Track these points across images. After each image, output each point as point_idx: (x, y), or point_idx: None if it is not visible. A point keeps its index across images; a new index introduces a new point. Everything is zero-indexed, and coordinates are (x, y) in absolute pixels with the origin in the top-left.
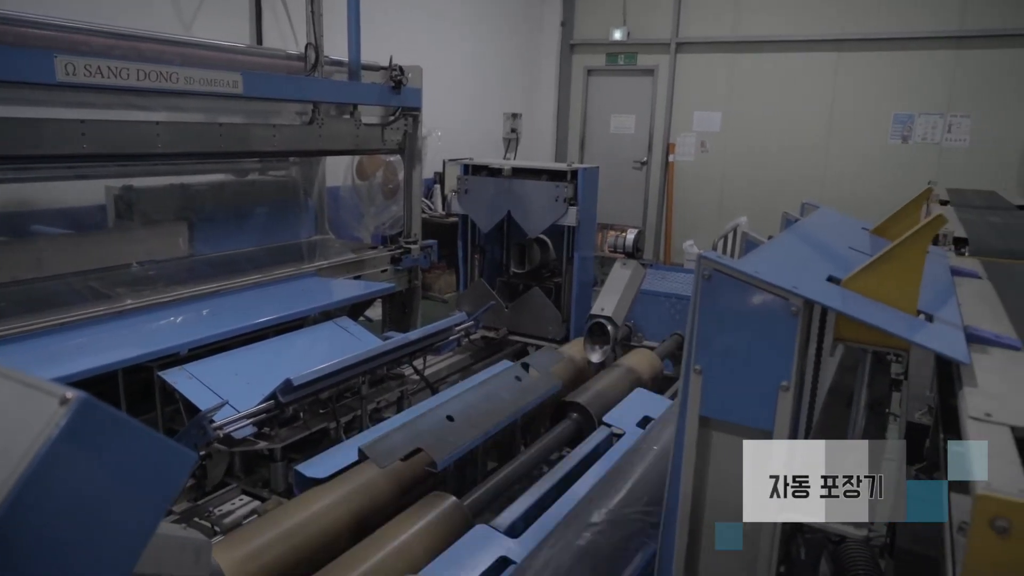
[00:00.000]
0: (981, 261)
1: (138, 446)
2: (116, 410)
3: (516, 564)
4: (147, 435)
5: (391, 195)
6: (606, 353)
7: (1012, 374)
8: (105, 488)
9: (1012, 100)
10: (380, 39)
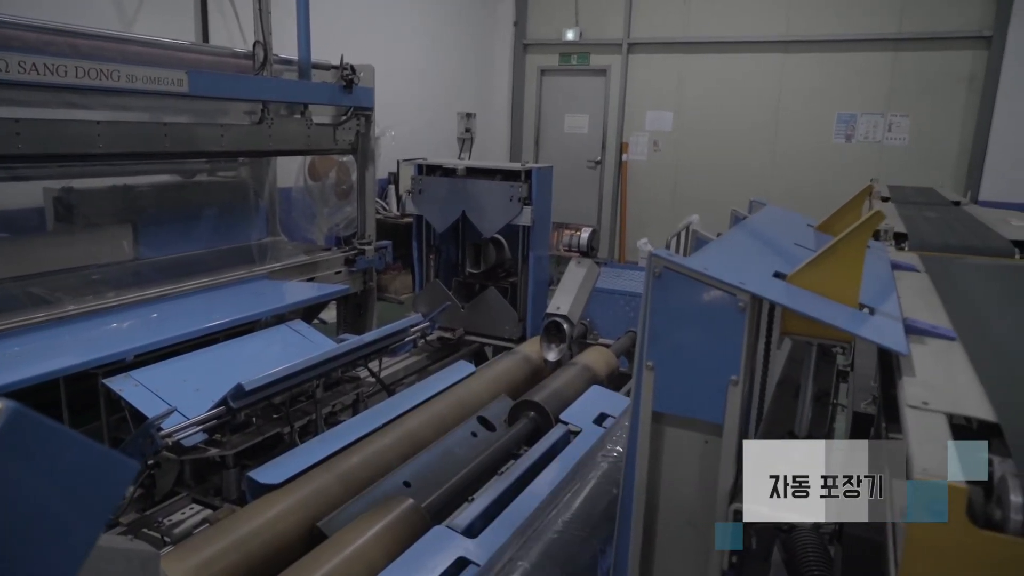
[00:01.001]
0: (919, 255)
1: (75, 456)
2: (50, 420)
3: (475, 565)
4: (84, 445)
5: (344, 196)
6: (562, 351)
7: (947, 363)
8: (39, 501)
9: (947, 100)
10: (331, 38)
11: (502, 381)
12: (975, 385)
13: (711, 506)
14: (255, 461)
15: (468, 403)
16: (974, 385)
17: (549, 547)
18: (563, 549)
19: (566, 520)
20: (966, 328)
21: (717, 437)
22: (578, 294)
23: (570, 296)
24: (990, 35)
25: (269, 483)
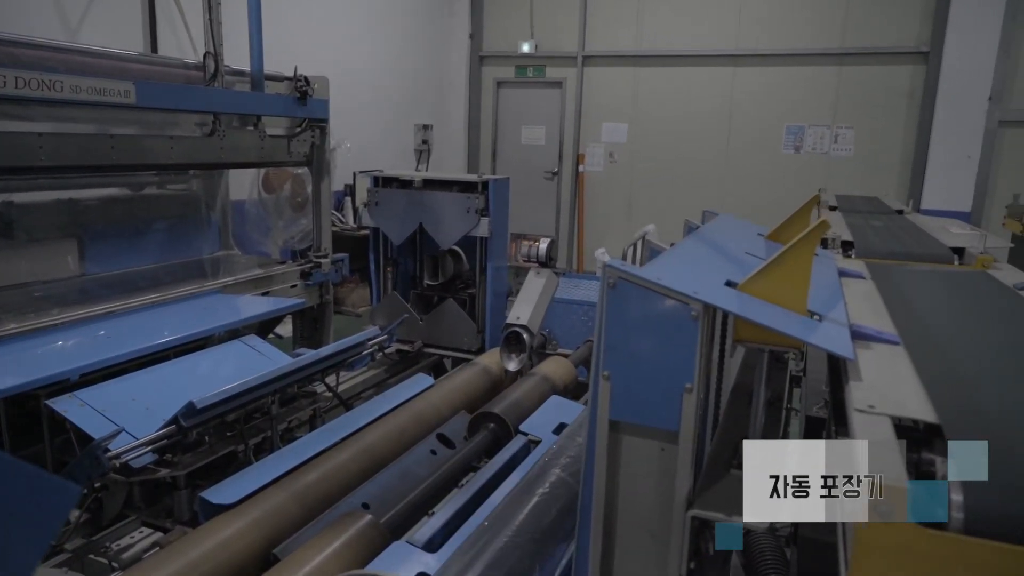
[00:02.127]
0: (865, 262)
1: (11, 482)
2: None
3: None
4: (22, 470)
5: (300, 208)
6: (523, 361)
7: (892, 368)
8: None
9: (889, 113)
10: (285, 50)
11: (461, 393)
12: (918, 388)
13: (668, 513)
14: (208, 481)
15: (427, 416)
16: (917, 388)
17: (497, 557)
18: (509, 558)
19: (514, 530)
20: (909, 332)
21: (673, 444)
22: (537, 304)
23: (529, 306)
24: (927, 51)
25: (222, 503)
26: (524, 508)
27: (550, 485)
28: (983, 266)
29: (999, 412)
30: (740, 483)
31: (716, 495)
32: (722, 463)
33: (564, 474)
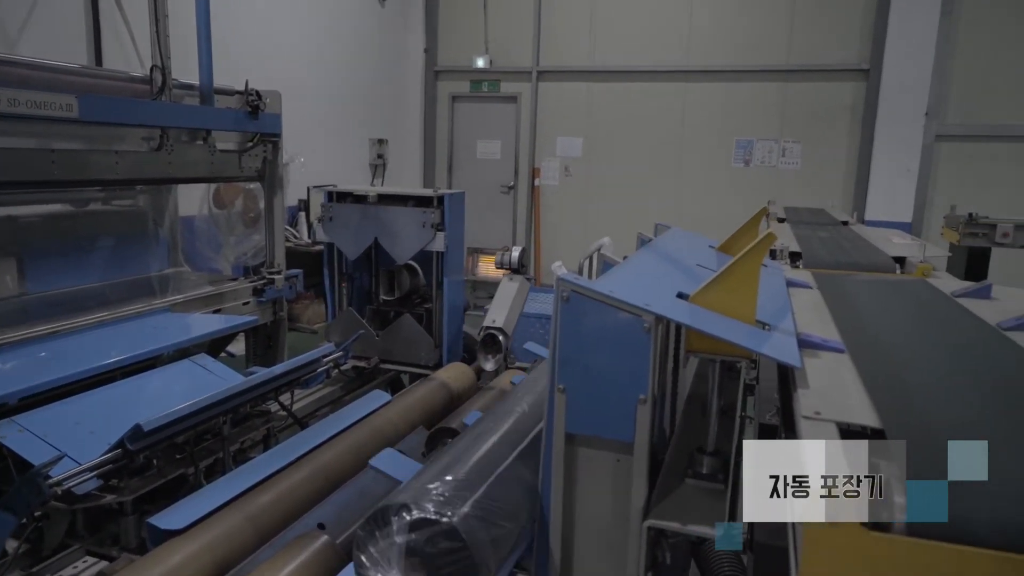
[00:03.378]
0: (812, 273)
1: None
2: None
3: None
4: None
5: (252, 224)
6: (499, 362)
7: (837, 375)
8: None
9: (833, 127)
10: (236, 64)
11: (419, 408)
12: (862, 394)
13: (625, 524)
14: (156, 506)
15: (384, 433)
16: (861, 394)
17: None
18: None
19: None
20: (854, 340)
21: (628, 455)
22: (511, 308)
23: (504, 310)
24: (867, 68)
25: (171, 528)
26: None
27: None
28: (923, 275)
29: (938, 416)
30: (695, 492)
31: (672, 504)
32: (677, 473)
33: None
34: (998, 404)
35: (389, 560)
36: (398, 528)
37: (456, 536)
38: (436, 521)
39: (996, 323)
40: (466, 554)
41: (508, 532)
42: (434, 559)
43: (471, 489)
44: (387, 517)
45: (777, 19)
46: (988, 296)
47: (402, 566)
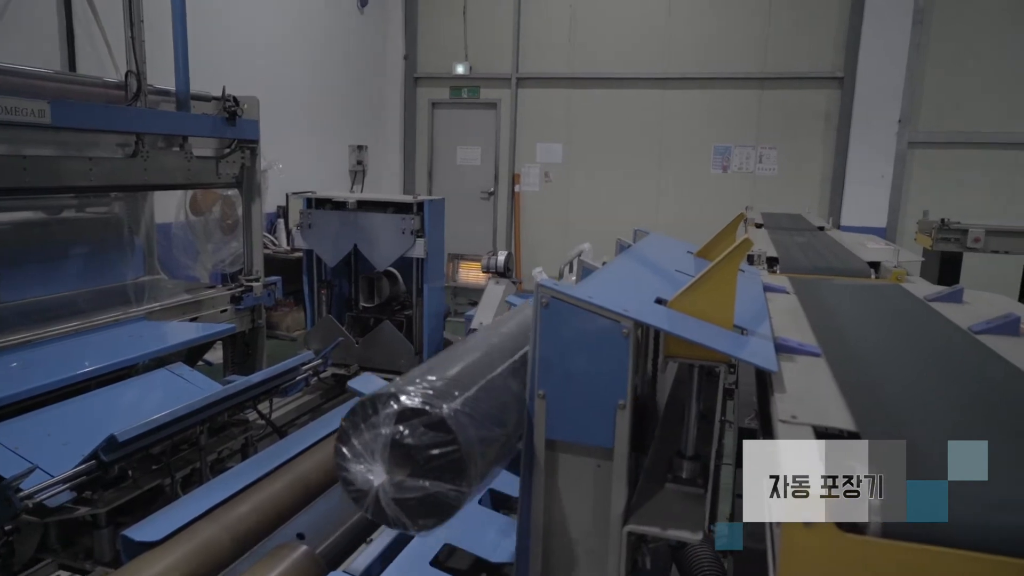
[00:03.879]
0: (789, 277)
1: None
2: None
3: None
4: None
5: (230, 231)
6: None
7: (813, 379)
8: None
9: (809, 134)
10: (213, 69)
11: None
12: (837, 397)
13: (605, 529)
14: (132, 518)
15: None
16: (836, 397)
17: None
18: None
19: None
20: (830, 344)
21: (608, 461)
22: (498, 310)
23: (491, 311)
24: (842, 76)
25: (147, 540)
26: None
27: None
28: (897, 279)
29: (911, 418)
30: (675, 497)
31: (652, 509)
32: (657, 477)
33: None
34: (969, 406)
35: (372, 452)
36: (384, 418)
37: (445, 428)
38: (425, 411)
39: (968, 327)
40: (454, 448)
41: (496, 437)
42: (420, 452)
43: (461, 389)
44: (374, 407)
45: (753, 27)
46: (960, 300)
47: (386, 458)
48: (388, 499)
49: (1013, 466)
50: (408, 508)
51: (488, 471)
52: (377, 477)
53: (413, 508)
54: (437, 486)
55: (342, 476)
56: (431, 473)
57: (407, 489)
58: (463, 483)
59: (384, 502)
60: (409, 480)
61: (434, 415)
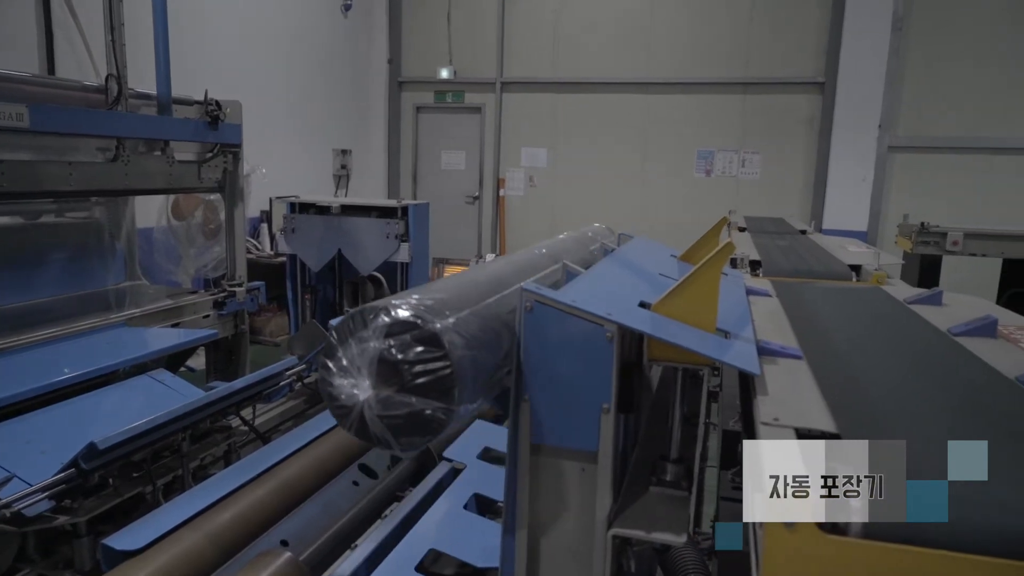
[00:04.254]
0: (771, 281)
1: None
2: None
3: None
4: None
5: (212, 235)
6: None
7: (795, 381)
8: None
9: (791, 138)
10: (195, 73)
11: None
12: (818, 399)
13: (590, 533)
14: (112, 527)
15: (348, 447)
16: (817, 399)
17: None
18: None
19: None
20: (811, 347)
21: (593, 464)
22: None
23: None
24: (823, 81)
25: (128, 549)
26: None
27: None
28: (878, 282)
29: (891, 419)
30: (659, 500)
31: (637, 513)
32: (642, 481)
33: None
34: (948, 407)
35: (359, 367)
36: (374, 331)
37: (437, 343)
38: (417, 325)
39: (946, 329)
40: (445, 365)
41: (486, 361)
42: (409, 367)
43: (454, 310)
44: (363, 320)
45: (736, 33)
46: (939, 303)
47: (373, 372)
48: (373, 415)
49: (992, 466)
50: (393, 426)
51: (475, 397)
52: (363, 392)
53: (398, 426)
54: (424, 403)
55: (326, 392)
56: (419, 390)
57: (393, 405)
58: (451, 401)
59: (369, 418)
60: (396, 396)
61: (426, 329)
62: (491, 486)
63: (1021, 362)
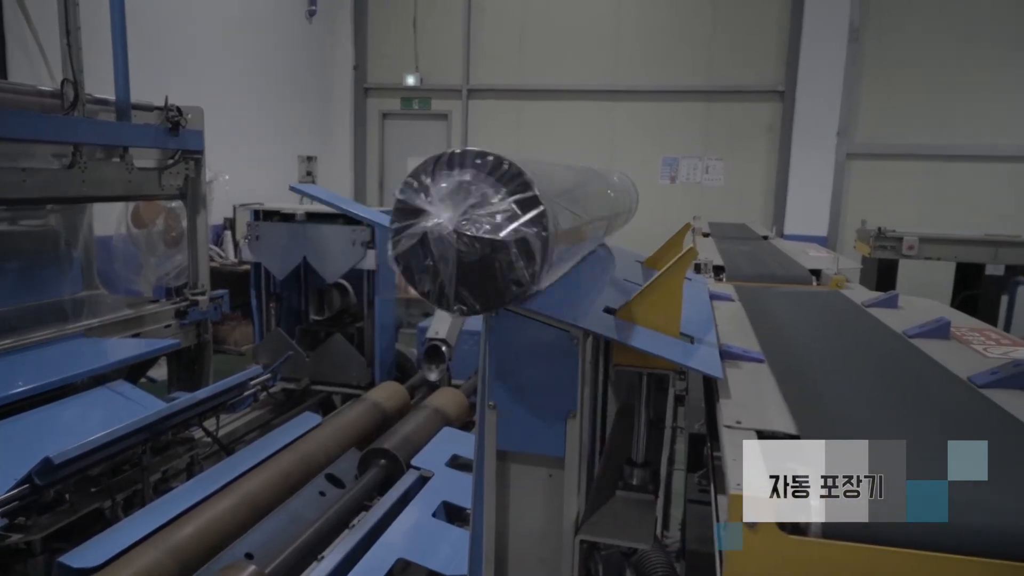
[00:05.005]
0: (735, 285)
1: None
2: None
3: None
4: None
5: (174, 243)
6: (443, 372)
7: (757, 384)
8: None
9: (753, 146)
10: (157, 78)
11: (351, 430)
12: (780, 402)
13: (558, 538)
14: (69, 544)
15: (315, 457)
16: (779, 402)
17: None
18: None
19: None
20: (773, 350)
21: (560, 470)
22: (453, 320)
23: (447, 322)
24: (783, 90)
25: (84, 567)
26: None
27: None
28: (837, 286)
29: (849, 420)
30: (626, 504)
31: (603, 518)
32: (608, 486)
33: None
34: (903, 407)
35: (442, 198)
36: (476, 168)
37: (527, 186)
38: (516, 170)
39: (902, 331)
40: (533, 203)
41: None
42: (491, 207)
43: (557, 183)
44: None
45: (699, 43)
46: (895, 306)
47: (456, 208)
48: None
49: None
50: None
51: (548, 265)
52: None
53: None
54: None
55: (406, 208)
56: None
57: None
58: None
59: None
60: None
61: (515, 169)
62: (460, 493)
63: (973, 363)
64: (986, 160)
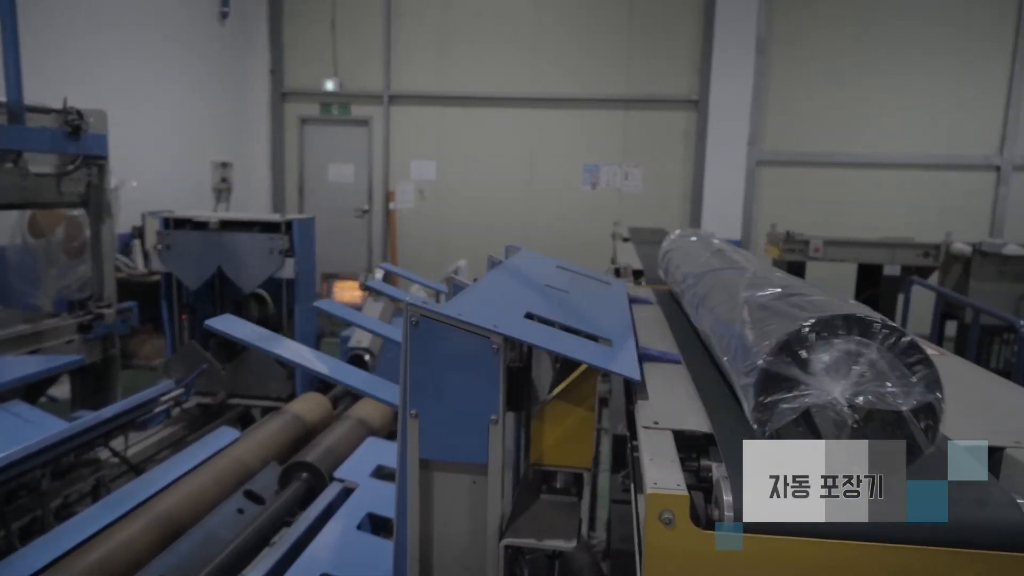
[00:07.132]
0: (653, 289)
1: None
2: None
3: None
4: None
5: (76, 253)
6: None
7: (674, 385)
8: None
9: (669, 153)
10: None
11: (271, 444)
12: (696, 402)
13: (483, 544)
14: None
15: (232, 473)
16: (695, 402)
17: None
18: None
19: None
20: (690, 351)
21: (483, 476)
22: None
23: (369, 332)
24: (697, 99)
25: None
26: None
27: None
28: None
29: None
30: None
31: (528, 521)
32: (532, 489)
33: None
34: None
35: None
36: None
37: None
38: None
39: None
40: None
41: None
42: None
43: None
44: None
45: (617, 53)
46: None
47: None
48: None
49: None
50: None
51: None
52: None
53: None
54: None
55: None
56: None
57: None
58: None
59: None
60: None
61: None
62: (385, 504)
63: None
64: (880, 168)
